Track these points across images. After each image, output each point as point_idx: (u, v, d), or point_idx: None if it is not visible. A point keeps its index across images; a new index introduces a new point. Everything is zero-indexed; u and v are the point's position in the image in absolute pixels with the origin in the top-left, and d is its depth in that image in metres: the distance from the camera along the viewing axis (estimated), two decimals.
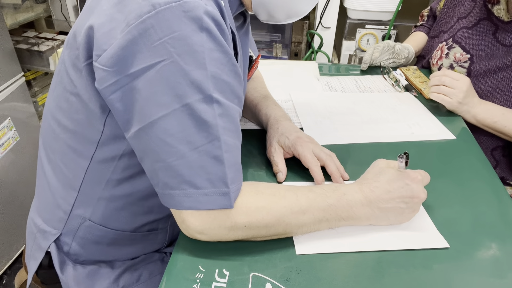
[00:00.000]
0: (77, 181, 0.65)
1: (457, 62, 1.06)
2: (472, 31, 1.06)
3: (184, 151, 0.52)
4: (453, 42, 1.09)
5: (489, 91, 0.98)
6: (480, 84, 1.02)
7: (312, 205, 0.60)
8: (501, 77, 0.98)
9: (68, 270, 0.72)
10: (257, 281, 0.56)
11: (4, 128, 1.41)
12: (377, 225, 0.63)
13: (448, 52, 1.09)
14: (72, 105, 0.60)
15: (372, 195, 0.61)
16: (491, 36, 1.02)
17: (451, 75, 0.96)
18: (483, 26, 1.04)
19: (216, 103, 0.52)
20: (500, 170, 1.05)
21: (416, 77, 1.14)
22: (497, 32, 1.01)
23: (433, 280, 0.57)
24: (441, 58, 1.11)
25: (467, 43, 1.05)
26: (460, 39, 1.07)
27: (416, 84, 1.10)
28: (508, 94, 0.97)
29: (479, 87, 1.01)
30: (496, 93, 0.98)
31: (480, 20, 1.04)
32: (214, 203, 0.54)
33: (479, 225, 0.66)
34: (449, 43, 1.10)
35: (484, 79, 1.00)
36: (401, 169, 0.64)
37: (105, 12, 0.53)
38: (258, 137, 0.87)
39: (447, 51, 1.09)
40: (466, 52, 1.05)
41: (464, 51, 1.05)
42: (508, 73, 0.97)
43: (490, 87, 0.99)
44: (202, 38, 0.50)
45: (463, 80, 0.95)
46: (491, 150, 1.03)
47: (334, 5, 1.81)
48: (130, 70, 0.51)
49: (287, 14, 0.67)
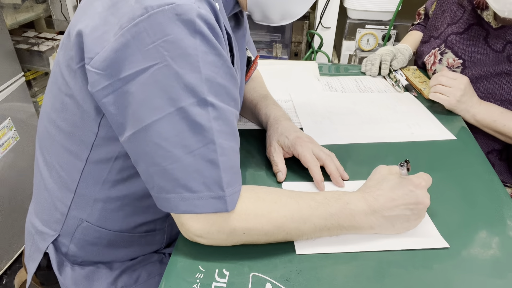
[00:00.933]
0: (73, 183, 0.65)
1: (450, 68, 1.06)
2: (463, 36, 1.06)
3: (179, 155, 0.52)
4: (445, 48, 1.09)
5: (483, 97, 0.99)
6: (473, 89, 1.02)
7: (314, 214, 0.59)
8: (493, 83, 0.99)
9: (66, 271, 0.72)
10: (257, 281, 0.56)
11: (4, 128, 1.41)
12: (382, 233, 0.63)
13: (441, 57, 1.09)
14: (66, 107, 0.60)
15: (376, 204, 0.61)
16: (482, 41, 1.02)
17: (448, 75, 0.96)
18: (474, 31, 1.04)
19: (210, 106, 0.52)
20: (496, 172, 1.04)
21: (416, 77, 1.14)
22: (488, 37, 1.01)
23: (433, 280, 0.57)
24: (435, 64, 1.11)
25: (459, 49, 1.05)
26: (452, 45, 1.07)
27: (416, 84, 1.10)
28: (500, 99, 0.97)
29: None
30: (489, 99, 0.99)
31: (471, 26, 1.04)
32: (210, 207, 0.54)
33: (479, 225, 0.66)
34: (441, 48, 1.10)
35: (477, 85, 1.00)
36: (403, 175, 0.63)
37: (99, 15, 0.53)
38: (257, 137, 0.86)
39: (440, 57, 1.09)
40: (459, 58, 1.05)
41: (457, 56, 1.05)
42: (500, 79, 0.98)
43: (483, 93, 0.99)
44: (196, 41, 0.50)
45: (460, 79, 0.95)
46: (486, 153, 1.02)
47: (334, 5, 1.81)
48: (123, 74, 0.51)
49: (281, 15, 0.67)
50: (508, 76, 0.96)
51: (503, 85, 0.97)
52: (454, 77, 0.96)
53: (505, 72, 0.96)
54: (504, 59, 0.97)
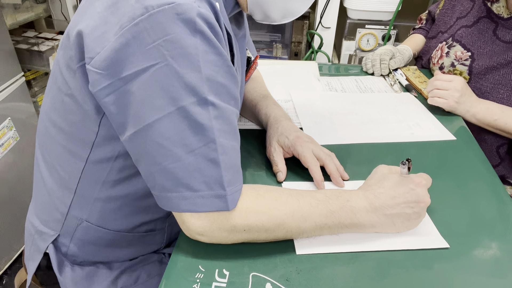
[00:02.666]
0: (73, 182, 0.65)
1: (458, 61, 1.06)
2: (472, 29, 1.06)
3: (180, 154, 0.52)
4: (453, 41, 1.09)
5: (492, 88, 0.99)
6: (482, 81, 1.02)
7: (314, 212, 0.59)
8: (502, 73, 0.98)
9: (66, 271, 0.72)
10: (257, 281, 0.56)
11: (4, 128, 1.41)
12: (383, 232, 0.63)
13: (449, 51, 1.09)
14: (66, 106, 0.60)
15: (377, 202, 0.61)
16: (491, 34, 1.02)
17: (443, 78, 0.96)
18: (482, 24, 1.04)
19: (211, 105, 0.52)
20: (502, 168, 1.05)
21: (416, 77, 1.14)
22: (497, 30, 1.01)
23: (433, 280, 0.57)
24: (442, 57, 1.11)
25: (468, 41, 1.05)
26: (460, 38, 1.07)
27: (416, 84, 1.10)
28: (511, 90, 0.97)
29: (481, 84, 1.01)
30: (498, 89, 0.98)
31: (480, 19, 1.05)
32: (211, 206, 0.54)
33: (479, 225, 0.66)
34: (449, 42, 1.10)
35: (486, 76, 1.00)
36: (404, 174, 0.64)
37: (99, 14, 0.53)
38: (258, 137, 0.86)
39: (447, 50, 1.09)
40: (467, 50, 1.05)
41: (465, 49, 1.05)
42: (509, 69, 0.97)
43: (492, 84, 0.99)
44: (196, 40, 0.50)
45: (456, 80, 0.95)
46: (497, 147, 1.02)
47: (334, 5, 1.81)
48: (123, 73, 0.51)
49: (282, 14, 0.67)
50: None
51: (511, 74, 0.97)
52: (450, 79, 0.96)
53: None
54: None
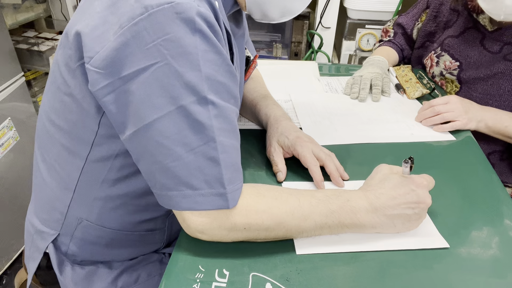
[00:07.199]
0: (73, 182, 0.65)
1: (446, 70, 1.07)
2: (459, 39, 1.06)
3: (181, 153, 0.52)
4: (441, 51, 1.09)
5: (481, 98, 0.99)
6: (471, 91, 1.02)
7: (314, 212, 0.59)
8: (490, 83, 0.98)
9: (66, 271, 0.72)
10: (257, 281, 0.56)
11: (4, 128, 1.41)
12: (383, 233, 0.62)
13: (438, 60, 1.09)
14: (66, 105, 0.60)
15: (378, 202, 0.61)
16: (478, 44, 1.02)
17: (439, 102, 0.92)
18: (470, 34, 1.04)
19: (211, 104, 0.52)
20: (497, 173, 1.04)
21: (403, 76, 1.13)
22: (484, 40, 1.01)
23: (433, 280, 0.57)
24: (432, 67, 1.11)
25: (455, 51, 1.06)
26: (448, 47, 1.08)
27: (402, 83, 1.09)
28: (499, 100, 0.97)
29: (471, 94, 1.01)
30: (487, 100, 0.98)
31: (467, 29, 1.05)
32: (211, 204, 0.54)
33: (479, 225, 0.66)
34: (437, 51, 1.10)
35: (475, 86, 1.00)
36: (405, 174, 0.63)
37: (98, 14, 0.53)
38: (257, 137, 0.87)
39: (436, 59, 1.09)
40: (455, 60, 1.05)
41: (453, 58, 1.05)
42: (497, 80, 0.97)
43: (481, 94, 0.99)
44: (196, 39, 0.50)
45: (452, 99, 0.92)
46: (487, 154, 1.02)
47: (334, 5, 1.81)
48: (123, 73, 0.51)
49: (281, 12, 0.67)
50: (504, 76, 0.96)
51: (500, 85, 0.97)
52: (445, 101, 0.92)
53: (501, 71, 0.96)
54: (500, 59, 0.97)
